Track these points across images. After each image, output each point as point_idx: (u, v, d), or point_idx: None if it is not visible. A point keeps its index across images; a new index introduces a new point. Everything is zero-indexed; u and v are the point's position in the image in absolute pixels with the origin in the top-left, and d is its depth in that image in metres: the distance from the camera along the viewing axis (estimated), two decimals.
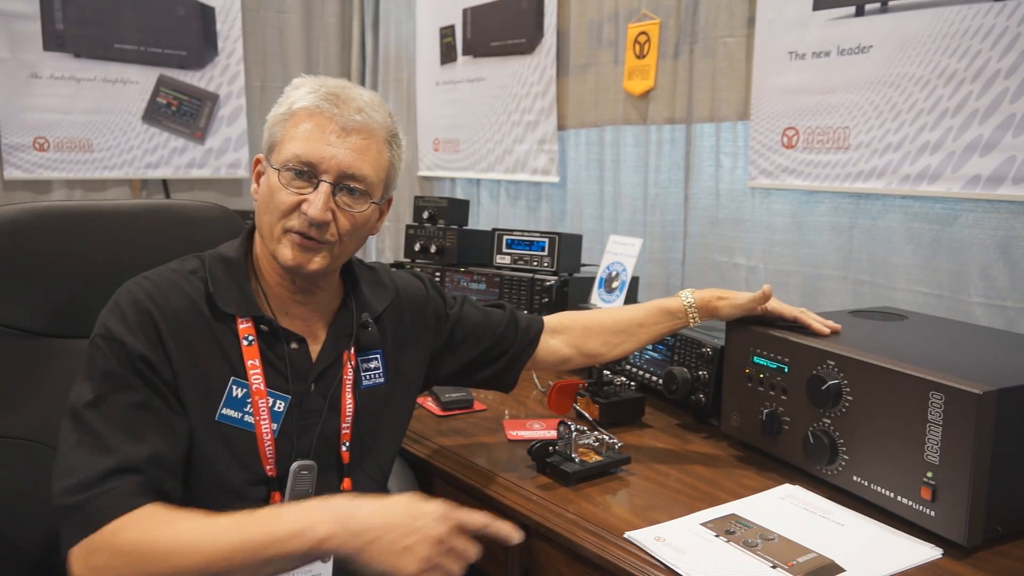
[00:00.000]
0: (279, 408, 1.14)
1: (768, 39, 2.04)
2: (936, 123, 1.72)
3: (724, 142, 2.21)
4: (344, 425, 1.21)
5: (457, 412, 1.68)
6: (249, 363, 1.12)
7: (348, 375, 1.22)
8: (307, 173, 1.10)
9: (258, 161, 1.19)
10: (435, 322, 1.38)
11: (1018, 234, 1.63)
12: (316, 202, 1.09)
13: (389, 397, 1.29)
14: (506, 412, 1.69)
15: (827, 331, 1.37)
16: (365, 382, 1.25)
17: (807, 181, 1.98)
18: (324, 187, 1.10)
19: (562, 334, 1.47)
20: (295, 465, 1.15)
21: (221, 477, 1.10)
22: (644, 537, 1.12)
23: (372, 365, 1.27)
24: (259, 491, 1.13)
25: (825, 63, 1.92)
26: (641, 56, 2.37)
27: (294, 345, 1.17)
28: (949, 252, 1.75)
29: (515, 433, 1.55)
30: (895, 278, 1.85)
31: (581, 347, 1.47)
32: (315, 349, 1.20)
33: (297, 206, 1.10)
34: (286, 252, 1.12)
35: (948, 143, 1.70)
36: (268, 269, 1.18)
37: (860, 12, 1.84)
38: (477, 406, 1.71)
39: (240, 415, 1.12)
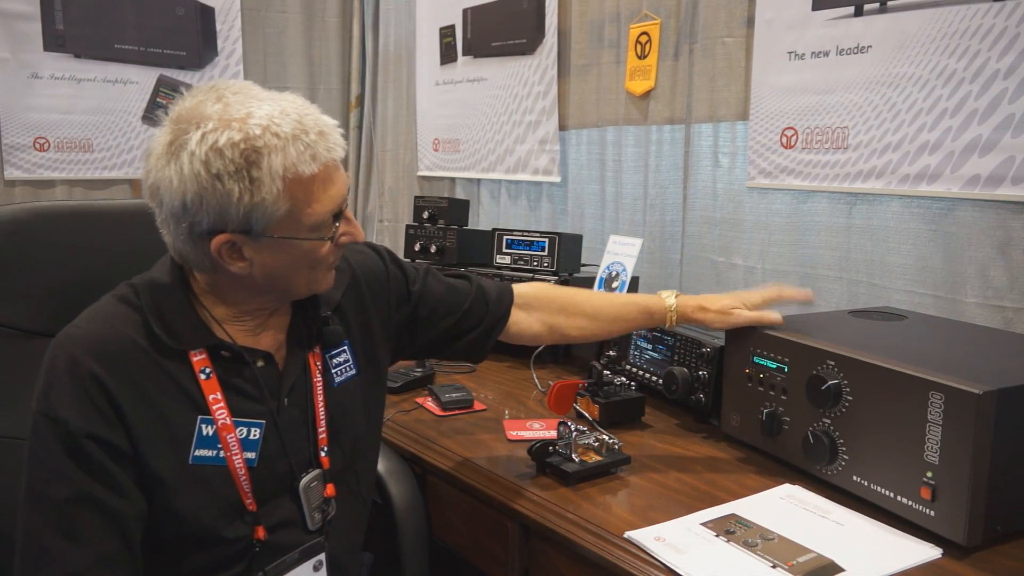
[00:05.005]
0: (254, 436, 1.09)
1: (767, 39, 2.04)
2: (935, 123, 1.72)
3: (723, 142, 2.21)
4: (320, 430, 1.16)
5: (457, 412, 1.68)
6: (211, 398, 1.06)
7: (317, 377, 1.16)
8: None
9: (228, 242, 1.01)
10: (397, 301, 1.32)
11: (1017, 234, 1.63)
12: (357, 228, 1.10)
13: (363, 387, 1.24)
14: (506, 412, 1.69)
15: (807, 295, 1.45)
16: (338, 379, 1.20)
17: (806, 181, 1.98)
18: (349, 212, 1.10)
19: (536, 310, 1.41)
20: (303, 483, 1.12)
21: (202, 521, 1.05)
22: (644, 537, 1.12)
23: (341, 359, 1.21)
24: (242, 529, 1.08)
25: (824, 63, 1.92)
26: (643, 56, 2.37)
27: (260, 363, 1.11)
28: (947, 252, 1.75)
29: (515, 433, 1.55)
30: (892, 278, 1.85)
31: (555, 327, 1.42)
32: (280, 358, 1.14)
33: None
34: (329, 280, 1.13)
35: (947, 143, 1.70)
36: (231, 301, 1.09)
37: (859, 12, 1.84)
38: (477, 406, 1.71)
39: (215, 452, 1.06)
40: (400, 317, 1.32)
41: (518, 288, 1.43)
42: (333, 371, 1.20)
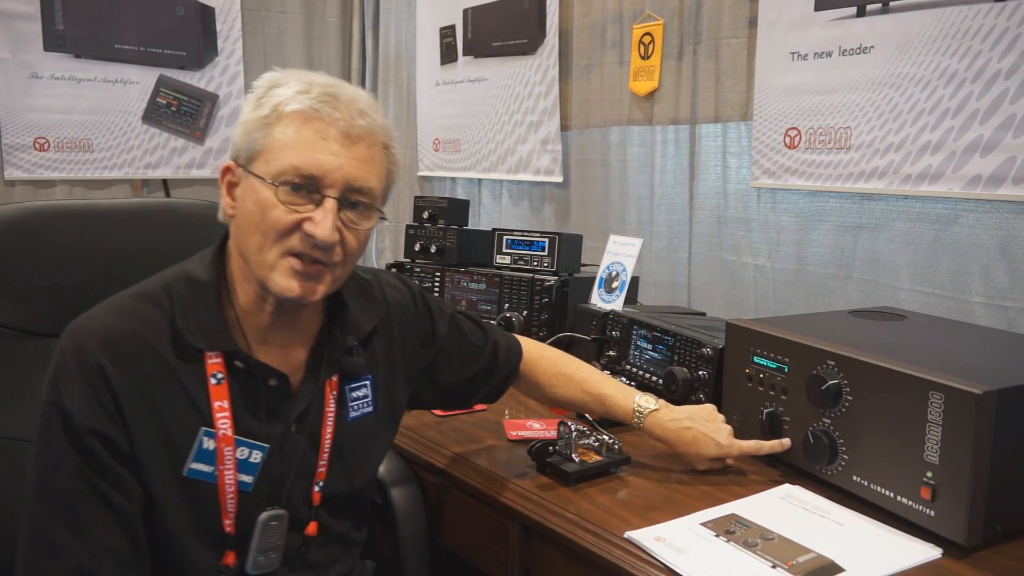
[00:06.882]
0: (255, 459, 1.03)
1: (770, 40, 2.04)
2: (937, 123, 1.72)
3: (729, 142, 2.22)
4: (320, 463, 1.10)
5: (457, 412, 1.68)
6: (216, 405, 1.01)
7: (330, 407, 1.11)
8: (308, 187, 0.97)
9: (228, 169, 1.03)
10: (422, 341, 1.28)
11: (1018, 234, 1.63)
12: (323, 221, 0.97)
13: (376, 425, 1.20)
14: (506, 412, 1.69)
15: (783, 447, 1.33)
16: (352, 413, 1.14)
17: (809, 181, 1.98)
18: (330, 203, 0.98)
19: (528, 384, 1.45)
20: (264, 516, 1.05)
21: (179, 537, 1.01)
22: (644, 537, 1.12)
23: (360, 393, 1.16)
24: (212, 553, 1.03)
25: (827, 63, 1.92)
26: (646, 57, 2.37)
27: (273, 382, 1.06)
28: (950, 252, 1.75)
29: (515, 433, 1.55)
30: (898, 278, 1.85)
31: (533, 397, 1.50)
32: (296, 382, 1.09)
33: (297, 225, 0.98)
34: (284, 281, 0.99)
35: (949, 143, 1.69)
36: (245, 293, 1.05)
37: (861, 13, 1.84)
38: (477, 406, 1.70)
39: (211, 469, 1.01)
40: (423, 360, 1.29)
41: (526, 346, 1.45)
42: (350, 404, 1.15)
